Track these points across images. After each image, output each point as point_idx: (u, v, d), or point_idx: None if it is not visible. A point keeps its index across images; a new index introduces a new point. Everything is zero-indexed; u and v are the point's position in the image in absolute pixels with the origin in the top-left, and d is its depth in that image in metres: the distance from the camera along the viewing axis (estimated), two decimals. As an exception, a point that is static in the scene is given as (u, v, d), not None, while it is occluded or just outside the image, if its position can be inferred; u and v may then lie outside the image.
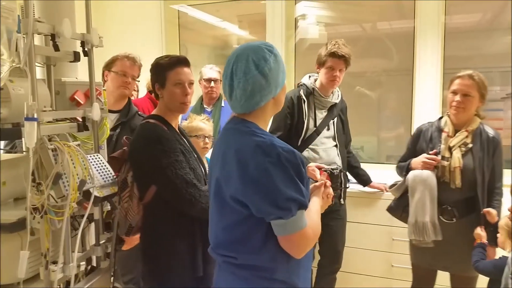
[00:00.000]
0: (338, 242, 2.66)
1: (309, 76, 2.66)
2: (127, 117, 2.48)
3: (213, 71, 3.20)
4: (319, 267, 2.68)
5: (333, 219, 2.58)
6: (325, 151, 2.53)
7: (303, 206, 1.26)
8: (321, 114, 2.57)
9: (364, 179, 2.88)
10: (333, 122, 2.60)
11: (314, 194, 1.47)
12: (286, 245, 1.27)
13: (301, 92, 2.54)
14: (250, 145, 1.26)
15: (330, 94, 2.60)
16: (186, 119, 2.84)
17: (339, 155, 2.59)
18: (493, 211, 2.11)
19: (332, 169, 2.37)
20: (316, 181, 1.47)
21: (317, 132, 2.53)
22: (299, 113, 2.50)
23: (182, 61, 1.85)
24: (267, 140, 1.27)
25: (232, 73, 1.30)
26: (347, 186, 2.65)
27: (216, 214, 1.37)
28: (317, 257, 2.66)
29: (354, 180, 2.89)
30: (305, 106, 2.50)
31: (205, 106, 3.23)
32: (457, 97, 2.21)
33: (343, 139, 2.67)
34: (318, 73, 2.59)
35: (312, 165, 2.39)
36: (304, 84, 2.60)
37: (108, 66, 2.51)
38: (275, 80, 1.31)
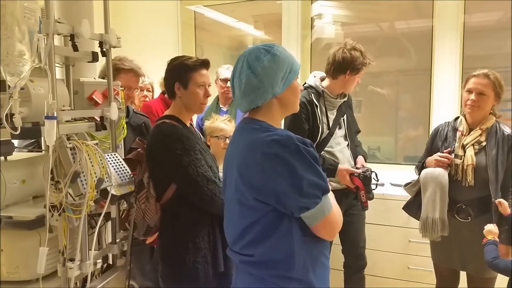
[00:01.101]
0: (360, 238, 2.62)
1: (313, 76, 2.55)
2: (129, 116, 2.46)
3: (229, 71, 3.21)
4: (345, 268, 2.64)
5: (353, 215, 2.54)
6: (341, 151, 2.49)
7: (327, 190, 1.28)
8: (332, 115, 2.51)
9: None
10: (343, 119, 2.56)
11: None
12: (320, 231, 1.30)
13: (312, 96, 2.44)
14: (265, 140, 1.27)
15: (338, 94, 2.51)
16: (201, 119, 2.86)
17: (351, 152, 2.56)
18: (504, 202, 2.10)
19: (364, 172, 2.35)
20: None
21: (331, 133, 2.48)
22: (313, 118, 2.43)
23: (207, 64, 1.89)
24: (281, 133, 1.29)
25: (233, 74, 1.38)
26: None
27: (236, 214, 1.36)
28: (342, 259, 2.63)
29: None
30: (317, 111, 2.42)
31: (221, 106, 3.24)
32: (472, 96, 2.21)
33: (352, 134, 2.62)
34: (336, 76, 2.42)
35: (342, 168, 2.37)
36: (312, 86, 2.49)
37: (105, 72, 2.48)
38: (270, 79, 1.32)
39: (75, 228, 1.60)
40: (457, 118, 2.39)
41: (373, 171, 2.43)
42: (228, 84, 3.17)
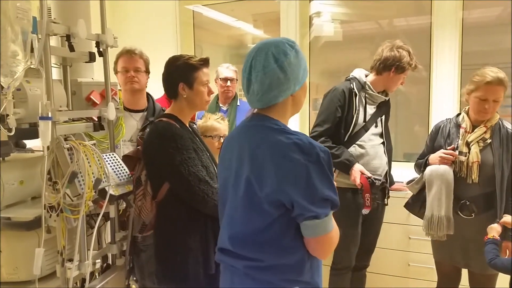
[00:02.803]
0: (374, 242, 2.63)
1: (358, 70, 2.56)
2: (154, 115, 2.44)
3: (229, 70, 3.21)
4: None
5: (374, 218, 2.54)
6: (373, 147, 2.47)
7: (336, 206, 1.26)
8: (370, 110, 2.49)
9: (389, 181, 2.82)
10: (381, 119, 2.54)
11: None
12: (316, 247, 1.27)
13: (353, 85, 2.45)
14: (285, 142, 1.24)
15: (380, 92, 2.52)
16: (201, 118, 2.85)
17: (386, 153, 2.54)
18: (508, 220, 2.08)
19: (375, 178, 2.35)
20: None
21: (366, 128, 2.46)
22: (349, 107, 2.42)
23: (208, 62, 1.89)
24: (304, 139, 1.25)
25: (251, 67, 1.29)
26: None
27: (241, 217, 1.31)
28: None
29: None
30: (356, 100, 2.42)
31: (220, 105, 3.24)
32: (487, 105, 2.15)
33: (389, 137, 2.63)
34: (381, 72, 2.44)
35: (357, 168, 2.36)
36: (355, 77, 2.50)
37: (115, 68, 2.48)
38: (295, 76, 1.29)
39: (74, 228, 1.61)
40: (459, 114, 2.37)
41: (386, 186, 2.49)
42: (228, 83, 3.17)
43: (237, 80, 3.23)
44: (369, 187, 2.31)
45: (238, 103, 3.25)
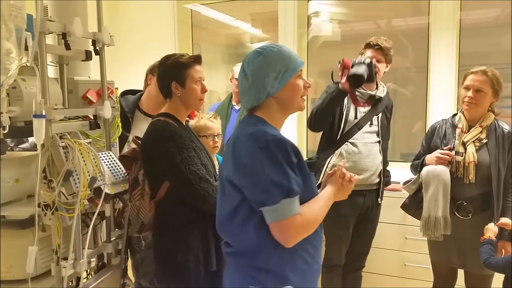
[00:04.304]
0: (367, 244, 2.63)
1: None
2: None
3: None
4: (343, 265, 2.63)
5: (369, 220, 2.55)
6: (365, 145, 2.45)
7: (290, 193, 1.26)
8: (363, 108, 2.47)
9: (386, 180, 2.81)
10: (378, 117, 2.51)
11: (330, 182, 1.47)
12: (274, 233, 1.27)
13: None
14: (245, 133, 1.32)
15: (374, 89, 2.49)
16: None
17: (381, 152, 2.51)
18: (507, 221, 2.09)
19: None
20: None
21: (358, 126, 2.44)
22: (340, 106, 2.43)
23: (199, 59, 1.88)
24: (261, 128, 1.32)
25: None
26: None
27: (220, 200, 1.42)
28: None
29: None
30: (345, 98, 2.40)
31: (233, 103, 3.23)
32: (470, 93, 2.20)
33: (387, 136, 2.60)
34: None
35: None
36: None
37: (152, 70, 2.38)
38: (260, 81, 1.35)
39: (69, 227, 1.61)
40: (455, 115, 2.38)
41: (380, 185, 2.51)
42: None
43: None
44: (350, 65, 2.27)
45: None
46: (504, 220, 2.09)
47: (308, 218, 1.30)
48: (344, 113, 2.43)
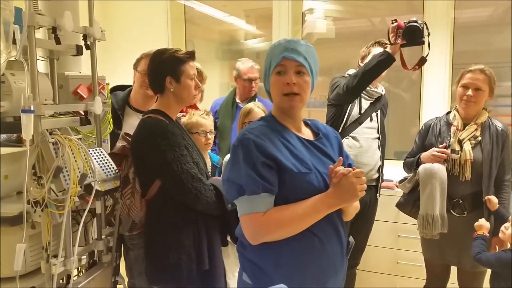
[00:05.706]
0: (362, 241, 2.62)
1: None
2: None
3: (253, 70, 3.06)
4: None
5: (366, 217, 2.54)
6: (366, 140, 2.50)
7: (242, 192, 1.27)
8: (365, 105, 2.54)
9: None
10: (377, 114, 2.57)
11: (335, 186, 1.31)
12: (242, 227, 1.33)
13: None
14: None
15: (375, 87, 2.56)
16: (216, 113, 2.82)
17: (380, 147, 2.56)
18: (494, 199, 2.13)
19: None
20: None
21: (360, 121, 2.50)
22: None
23: (194, 55, 1.86)
24: (251, 125, 1.37)
25: None
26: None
27: None
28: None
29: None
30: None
31: (238, 101, 3.10)
32: (469, 92, 2.21)
33: (385, 133, 2.65)
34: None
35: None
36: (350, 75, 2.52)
37: (135, 65, 2.39)
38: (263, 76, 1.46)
39: (59, 224, 1.58)
40: (448, 112, 2.38)
41: (379, 181, 2.52)
42: (253, 84, 3.05)
43: (260, 78, 3.12)
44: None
45: (257, 101, 3.15)
46: (481, 221, 2.09)
47: (275, 218, 1.26)
48: (349, 107, 2.47)
